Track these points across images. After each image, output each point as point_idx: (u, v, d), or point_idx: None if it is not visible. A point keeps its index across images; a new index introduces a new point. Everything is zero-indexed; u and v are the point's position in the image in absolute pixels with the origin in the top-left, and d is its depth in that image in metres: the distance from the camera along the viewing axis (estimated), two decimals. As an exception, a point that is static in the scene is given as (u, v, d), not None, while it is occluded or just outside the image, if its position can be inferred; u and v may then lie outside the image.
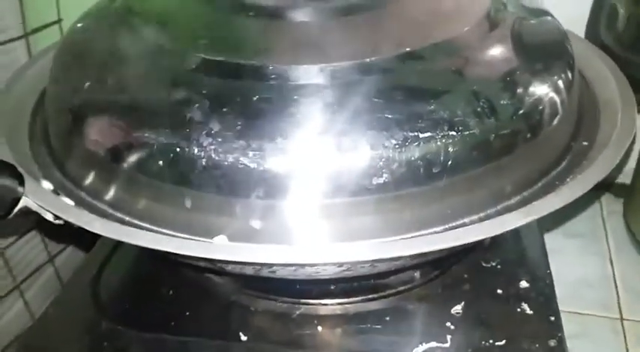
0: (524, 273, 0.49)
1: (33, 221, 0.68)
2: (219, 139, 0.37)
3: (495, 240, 0.52)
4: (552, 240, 0.61)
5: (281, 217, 0.37)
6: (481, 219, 0.38)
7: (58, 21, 0.70)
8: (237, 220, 0.37)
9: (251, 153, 0.37)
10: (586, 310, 0.61)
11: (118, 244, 0.53)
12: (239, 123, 0.37)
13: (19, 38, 0.65)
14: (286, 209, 0.37)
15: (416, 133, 0.37)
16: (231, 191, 0.37)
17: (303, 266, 0.36)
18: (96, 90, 0.42)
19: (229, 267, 0.39)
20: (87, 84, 0.42)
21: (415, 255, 0.34)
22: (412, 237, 0.37)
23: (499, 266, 0.50)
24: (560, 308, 0.48)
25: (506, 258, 0.51)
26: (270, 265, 0.36)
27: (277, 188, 0.37)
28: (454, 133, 0.37)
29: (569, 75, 0.45)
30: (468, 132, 0.38)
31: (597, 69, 0.51)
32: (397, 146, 0.37)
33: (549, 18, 0.49)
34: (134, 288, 0.50)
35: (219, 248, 0.35)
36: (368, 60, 0.40)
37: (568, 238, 0.70)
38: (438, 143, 0.37)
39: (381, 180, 0.37)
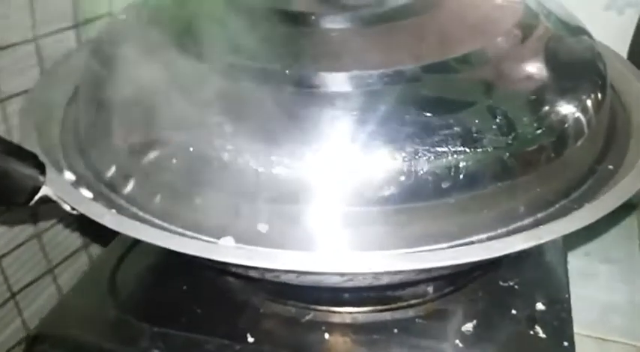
0: (541, 295, 0.47)
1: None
2: (238, 143, 0.37)
3: (515, 259, 0.51)
4: (585, 264, 0.60)
5: (287, 222, 0.38)
6: (490, 238, 0.37)
7: (109, 13, 0.71)
8: (244, 222, 0.38)
9: (262, 158, 0.37)
10: (612, 337, 0.59)
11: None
12: (252, 128, 0.38)
13: (69, 28, 0.66)
14: (294, 215, 0.37)
15: (437, 148, 0.37)
16: (240, 193, 0.38)
17: (306, 274, 0.36)
18: (125, 86, 0.43)
19: (235, 268, 0.39)
20: (117, 79, 0.44)
21: (430, 268, 0.34)
22: (413, 252, 0.36)
23: (517, 287, 0.49)
24: (586, 332, 0.46)
25: (525, 278, 0.49)
26: (270, 270, 0.36)
27: (286, 193, 0.37)
28: (467, 149, 0.37)
29: (599, 95, 0.43)
30: (487, 149, 0.37)
31: (636, 91, 0.49)
32: (416, 158, 0.36)
33: (585, 36, 0.48)
34: (149, 282, 0.51)
35: (220, 249, 0.35)
36: (391, 70, 0.40)
37: (601, 263, 0.68)
38: (459, 157, 0.37)
39: (396, 191, 0.37)
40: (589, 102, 0.42)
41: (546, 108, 0.40)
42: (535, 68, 0.42)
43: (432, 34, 0.45)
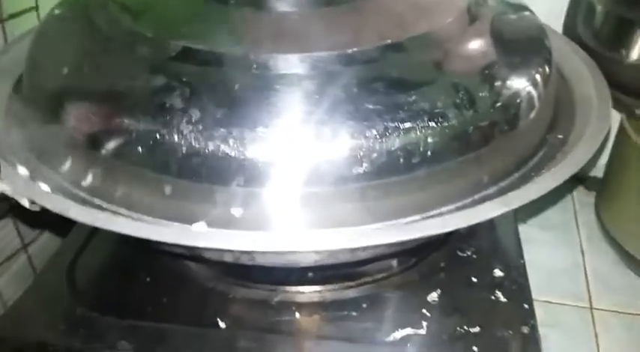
0: (498, 262, 0.50)
1: (6, 208, 0.67)
2: (200, 127, 0.37)
3: (471, 230, 0.53)
4: (526, 232, 0.63)
5: (261, 205, 0.37)
6: (458, 209, 0.39)
7: (35, 7, 0.69)
8: (216, 207, 0.37)
9: (232, 142, 0.37)
10: (557, 299, 0.62)
11: (94, 230, 0.53)
12: (220, 111, 0.37)
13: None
14: (266, 197, 0.37)
15: (396, 123, 0.37)
16: (210, 178, 0.37)
17: (281, 253, 0.37)
18: (74, 76, 0.42)
19: (208, 254, 0.39)
20: (65, 70, 0.42)
21: (393, 243, 0.35)
22: (389, 225, 0.37)
23: (474, 256, 0.51)
24: (533, 296, 0.49)
25: (482, 247, 0.51)
26: (248, 252, 0.36)
27: (257, 176, 0.37)
28: (433, 124, 0.38)
29: (547, 69, 0.45)
30: (447, 124, 0.38)
31: (574, 65, 0.52)
32: (377, 136, 0.37)
33: (528, 13, 0.50)
34: (110, 274, 0.50)
35: (195, 234, 0.35)
36: (349, 51, 0.40)
37: (541, 230, 0.71)
38: (418, 133, 0.37)
39: (360, 170, 0.37)
40: (538, 77, 0.44)
41: (501, 83, 0.42)
42: (487, 46, 0.44)
43: (385, 16, 0.45)
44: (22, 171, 0.40)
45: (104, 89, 0.40)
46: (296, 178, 0.37)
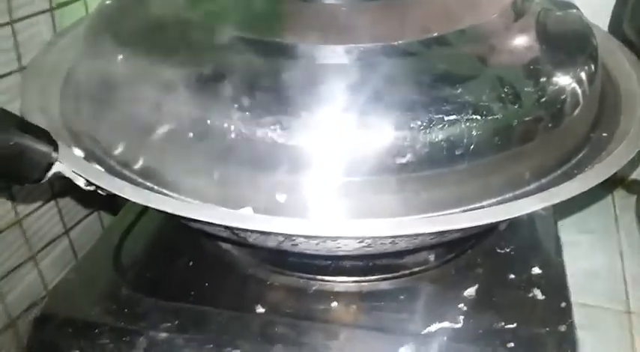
0: (536, 260, 0.50)
1: (50, 193, 0.69)
2: (248, 114, 0.38)
3: (509, 227, 0.53)
4: (565, 234, 0.62)
5: (304, 192, 0.38)
6: (499, 203, 0.39)
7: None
8: (262, 193, 0.38)
9: (278, 129, 0.37)
10: (594, 302, 0.62)
11: (141, 213, 0.54)
12: (267, 99, 0.38)
13: (43, 12, 0.66)
14: (310, 184, 0.38)
15: (440, 115, 0.38)
16: (257, 165, 0.38)
17: (324, 239, 0.37)
18: (129, 61, 0.43)
19: (252, 238, 0.40)
20: (120, 56, 0.43)
21: (433, 233, 0.35)
22: (431, 216, 0.37)
23: (512, 253, 0.51)
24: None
25: (520, 244, 0.51)
26: (293, 236, 0.37)
27: (302, 163, 0.38)
28: (478, 117, 0.38)
29: (592, 67, 0.45)
30: (491, 117, 0.38)
31: (620, 62, 0.52)
32: (422, 127, 0.37)
33: (574, 10, 0.49)
34: (155, 257, 0.51)
35: (243, 217, 0.35)
36: (395, 43, 0.41)
37: (580, 233, 0.70)
38: (462, 126, 0.38)
39: (403, 160, 0.38)
40: (583, 74, 0.44)
41: (546, 79, 0.42)
42: (532, 42, 0.44)
43: (431, 9, 0.46)
44: (78, 152, 0.42)
45: (157, 75, 0.41)
46: (339, 167, 0.38)
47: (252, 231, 0.35)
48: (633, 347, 0.57)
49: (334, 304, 0.46)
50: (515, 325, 0.44)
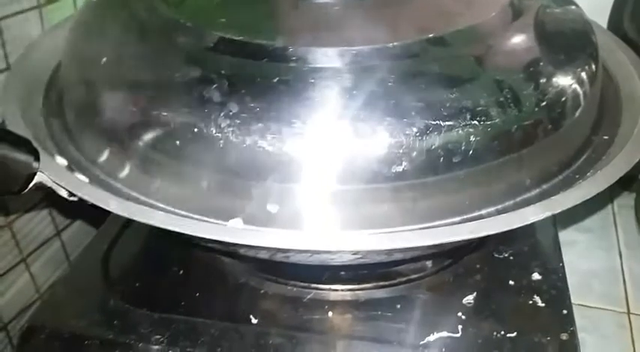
0: (536, 266, 0.49)
1: (41, 194, 0.68)
2: (237, 121, 0.36)
3: (508, 232, 0.51)
4: (562, 233, 0.61)
5: (297, 202, 0.37)
6: (499, 212, 0.38)
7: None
8: (252, 203, 0.37)
9: (269, 137, 0.36)
10: (593, 303, 0.61)
11: (128, 222, 0.53)
12: (257, 105, 0.37)
13: (32, 9, 0.64)
14: (303, 194, 0.37)
15: (437, 121, 0.36)
16: (247, 174, 0.37)
17: (318, 252, 0.36)
18: (113, 65, 0.41)
19: (243, 251, 0.38)
20: (104, 59, 0.42)
21: (432, 245, 0.34)
22: (429, 227, 0.36)
23: (512, 258, 0.49)
24: (571, 301, 0.48)
25: (519, 249, 0.50)
26: (285, 251, 0.36)
27: (294, 172, 0.36)
28: (476, 123, 0.37)
29: (593, 67, 0.44)
30: (490, 122, 0.37)
31: (620, 61, 0.51)
32: (417, 134, 0.36)
33: (574, 7, 0.48)
34: (144, 267, 0.50)
35: (233, 231, 0.34)
36: (389, 45, 0.39)
37: (578, 232, 0.69)
38: (460, 132, 0.36)
39: (399, 168, 0.36)
40: (584, 74, 0.43)
41: (545, 80, 0.40)
42: (531, 42, 0.43)
43: (427, 9, 0.44)
44: (61, 161, 0.40)
45: (142, 80, 0.40)
46: (333, 175, 0.37)
47: (241, 246, 0.33)
48: (634, 348, 0.56)
49: (330, 314, 0.45)
50: (515, 334, 0.43)
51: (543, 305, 0.45)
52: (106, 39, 0.44)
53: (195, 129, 0.37)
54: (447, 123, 0.36)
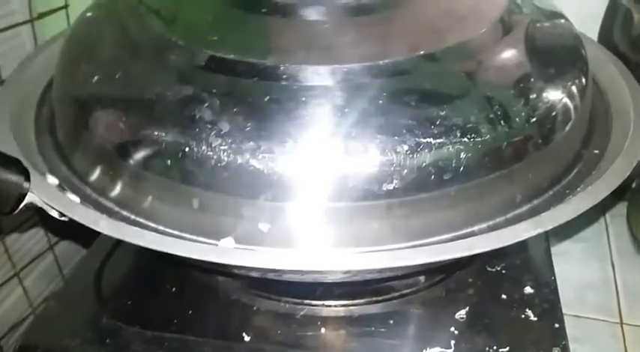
0: (528, 279, 0.49)
1: (32, 212, 0.68)
2: (229, 140, 0.36)
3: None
4: (554, 244, 0.61)
5: (289, 220, 0.37)
6: (490, 228, 0.38)
7: (65, 6, 0.69)
8: (244, 222, 0.37)
9: (260, 155, 0.36)
10: (586, 314, 0.61)
11: (121, 240, 0.52)
12: (248, 124, 0.37)
13: (24, 23, 0.64)
14: (294, 212, 0.37)
15: (427, 139, 0.36)
16: (238, 192, 0.37)
17: (309, 273, 0.36)
18: (105, 83, 0.41)
19: (235, 269, 0.38)
20: (96, 77, 0.42)
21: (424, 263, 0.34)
22: (421, 245, 0.36)
23: (504, 271, 0.50)
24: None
25: (511, 263, 0.50)
26: (277, 270, 0.35)
27: (285, 191, 0.36)
28: (467, 140, 0.37)
29: (583, 80, 0.44)
30: (480, 139, 0.37)
31: (610, 74, 0.51)
32: (408, 151, 0.36)
33: (563, 21, 0.48)
34: (136, 285, 0.50)
35: (224, 252, 0.34)
36: (380, 62, 0.39)
37: (570, 241, 0.69)
38: (451, 149, 0.37)
39: (390, 186, 0.36)
40: (574, 88, 0.43)
41: (536, 96, 0.41)
42: (521, 57, 0.43)
43: (417, 26, 0.44)
44: (52, 180, 0.40)
45: (133, 98, 0.40)
46: (325, 194, 0.37)
47: (233, 266, 0.33)
48: (628, 359, 0.56)
49: (323, 330, 0.45)
50: (507, 348, 0.43)
51: (535, 319, 0.45)
52: (98, 56, 0.44)
53: (187, 148, 0.37)
54: (438, 140, 0.36)
